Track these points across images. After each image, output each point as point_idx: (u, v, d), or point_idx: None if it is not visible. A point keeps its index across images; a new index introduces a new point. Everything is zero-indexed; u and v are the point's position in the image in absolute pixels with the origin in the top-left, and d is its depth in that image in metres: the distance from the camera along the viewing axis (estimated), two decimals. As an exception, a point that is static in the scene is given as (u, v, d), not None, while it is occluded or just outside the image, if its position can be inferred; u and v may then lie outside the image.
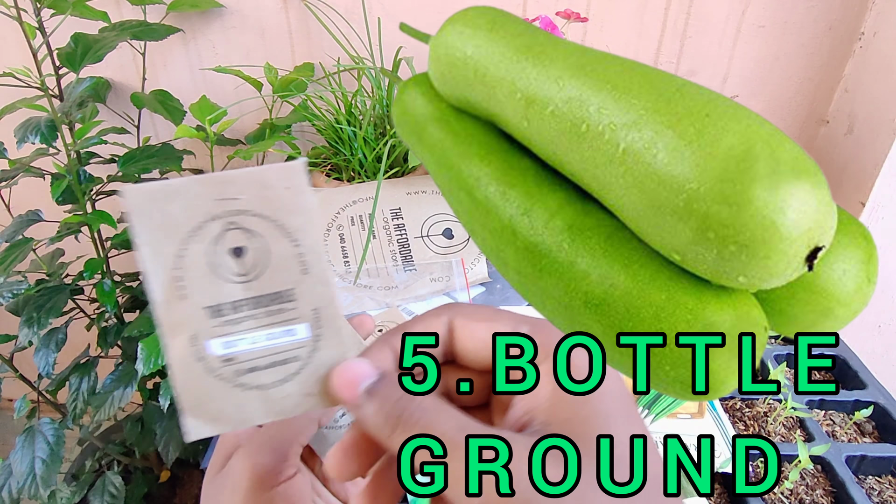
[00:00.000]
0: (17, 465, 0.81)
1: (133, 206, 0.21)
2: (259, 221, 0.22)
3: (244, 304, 0.23)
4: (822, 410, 0.64)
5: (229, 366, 0.23)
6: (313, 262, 0.23)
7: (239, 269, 0.22)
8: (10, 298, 0.80)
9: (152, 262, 0.21)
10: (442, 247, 0.81)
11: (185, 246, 0.22)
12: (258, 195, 0.22)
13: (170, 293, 0.22)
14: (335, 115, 0.89)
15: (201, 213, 0.22)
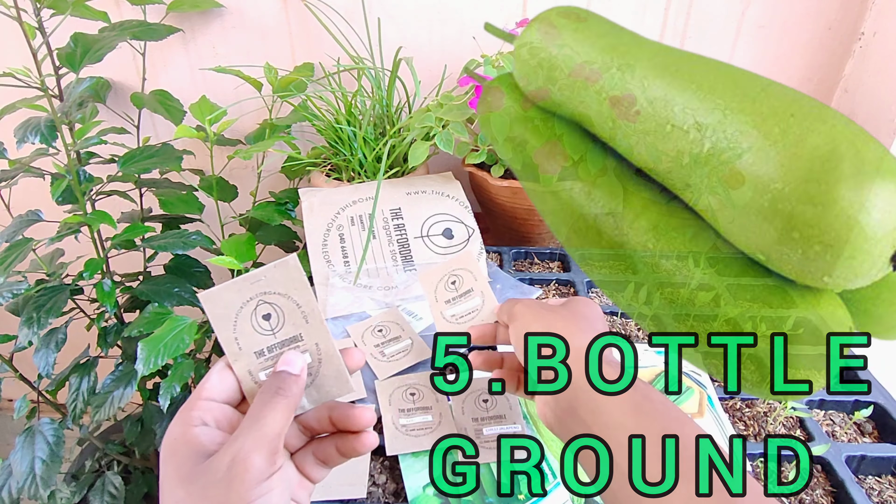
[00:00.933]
0: (17, 465, 0.81)
1: (205, 299, 0.37)
2: (276, 297, 0.38)
3: (275, 347, 0.38)
4: (821, 410, 0.64)
5: None
6: (311, 315, 0.38)
7: (269, 326, 0.38)
8: (10, 298, 0.80)
9: (221, 330, 0.37)
10: (442, 247, 0.81)
11: (236, 318, 0.38)
12: (273, 281, 0.37)
13: (233, 347, 0.38)
14: (335, 115, 0.89)
15: (243, 298, 0.38)
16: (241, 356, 0.38)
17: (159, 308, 0.82)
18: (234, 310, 0.37)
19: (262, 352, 0.38)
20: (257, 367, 0.38)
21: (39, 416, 0.90)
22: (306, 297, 0.38)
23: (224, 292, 0.37)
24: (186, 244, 0.84)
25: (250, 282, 0.37)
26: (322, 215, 0.82)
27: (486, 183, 0.87)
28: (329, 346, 0.38)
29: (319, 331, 0.38)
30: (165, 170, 1.00)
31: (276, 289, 0.37)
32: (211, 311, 0.37)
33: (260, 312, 0.38)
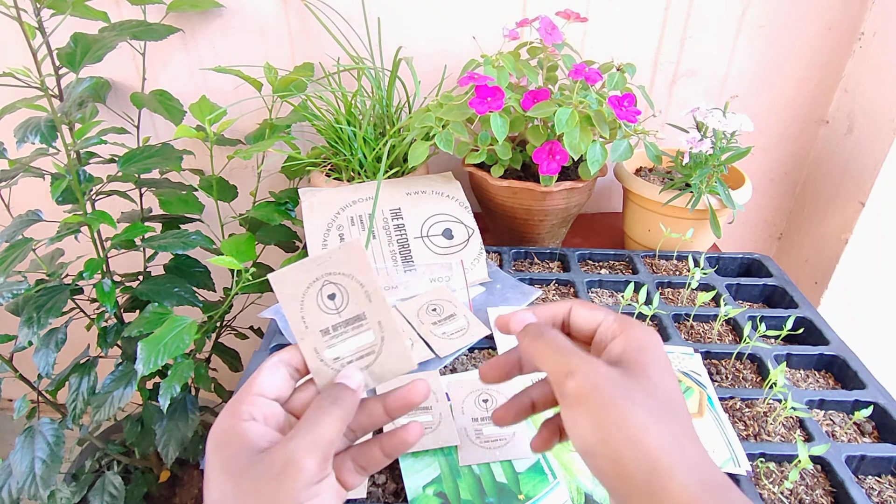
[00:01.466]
0: (17, 465, 0.81)
1: (275, 280, 0.39)
2: (341, 277, 0.40)
3: (339, 325, 0.40)
4: (821, 410, 0.64)
5: (338, 362, 0.40)
6: (374, 294, 0.40)
7: (334, 306, 0.40)
8: (10, 298, 0.80)
9: (288, 309, 0.39)
10: (442, 247, 0.81)
11: (303, 298, 0.40)
12: (338, 262, 0.40)
13: (300, 325, 0.40)
14: (335, 115, 0.89)
15: (309, 278, 0.40)
16: (308, 334, 0.39)
17: (159, 308, 0.82)
18: (301, 289, 0.39)
19: (327, 330, 0.40)
20: (323, 344, 0.40)
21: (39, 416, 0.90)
22: (369, 278, 0.40)
23: (292, 273, 0.39)
24: (186, 244, 0.84)
25: (316, 263, 0.39)
26: (322, 215, 0.82)
27: (486, 183, 0.87)
28: (392, 323, 0.40)
29: (382, 309, 0.40)
30: (165, 170, 1.00)
31: (341, 269, 0.40)
32: (280, 290, 0.39)
33: (325, 292, 0.40)
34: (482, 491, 0.53)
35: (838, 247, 1.02)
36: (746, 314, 0.75)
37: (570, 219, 0.93)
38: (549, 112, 0.75)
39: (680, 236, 0.83)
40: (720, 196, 0.83)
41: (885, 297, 1.06)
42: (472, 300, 0.77)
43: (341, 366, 0.40)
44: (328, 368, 0.40)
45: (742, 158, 0.81)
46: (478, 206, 0.96)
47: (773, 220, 1.19)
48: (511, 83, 0.83)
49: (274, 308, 0.75)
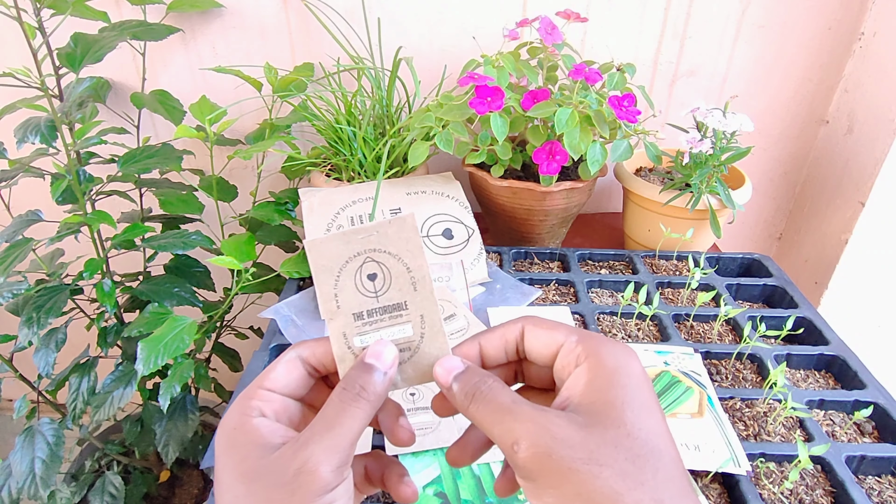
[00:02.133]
0: (17, 465, 0.81)
1: (310, 248, 0.34)
2: (385, 256, 0.35)
3: (375, 312, 0.35)
4: (821, 410, 0.64)
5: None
6: (421, 282, 0.35)
7: (372, 288, 0.35)
8: (10, 298, 0.80)
9: (321, 283, 0.34)
10: (442, 247, 0.81)
11: (340, 273, 0.35)
12: (385, 238, 0.35)
13: (331, 304, 0.34)
14: (335, 115, 0.89)
15: (350, 251, 0.35)
16: (338, 315, 0.34)
17: (159, 308, 0.82)
18: (338, 263, 0.34)
19: (360, 314, 0.35)
20: (353, 330, 0.35)
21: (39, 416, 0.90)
22: (418, 262, 0.35)
23: (331, 242, 0.35)
24: (186, 244, 0.84)
25: (361, 235, 0.34)
26: (322, 215, 0.82)
27: (486, 183, 0.87)
28: (436, 320, 0.35)
29: (428, 301, 0.35)
30: (165, 170, 1.00)
31: (388, 247, 0.35)
32: (315, 261, 0.34)
33: (366, 271, 0.35)
34: (482, 491, 0.53)
35: (838, 247, 1.02)
36: (746, 314, 0.75)
37: (570, 219, 0.93)
38: (549, 112, 0.75)
39: (680, 236, 0.83)
40: (720, 196, 0.83)
41: (885, 297, 1.06)
42: (472, 300, 0.77)
43: None
44: (355, 358, 0.35)
45: (742, 158, 0.81)
46: (478, 206, 0.96)
47: (773, 220, 1.19)
48: (511, 83, 0.83)
49: (274, 308, 0.75)
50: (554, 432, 0.28)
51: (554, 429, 0.28)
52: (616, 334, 0.73)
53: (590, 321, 0.74)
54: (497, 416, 0.30)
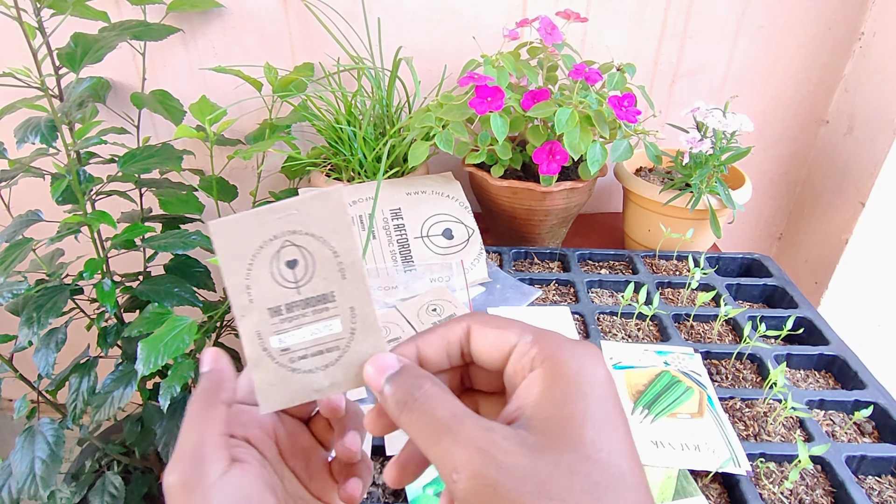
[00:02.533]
0: (17, 465, 0.81)
1: (215, 231, 0.28)
2: (308, 239, 0.29)
3: (296, 305, 0.30)
4: (822, 410, 0.64)
5: (285, 354, 0.30)
6: (351, 269, 0.29)
7: (292, 277, 0.29)
8: (10, 298, 0.80)
9: (230, 273, 0.29)
10: (442, 247, 0.81)
11: (252, 260, 0.29)
12: (307, 217, 0.29)
13: (242, 298, 0.29)
14: (335, 115, 0.89)
15: (264, 235, 0.29)
16: (251, 311, 0.29)
17: (159, 308, 0.82)
18: (250, 249, 0.29)
19: (278, 309, 0.29)
20: (269, 328, 0.29)
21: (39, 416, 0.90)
22: (347, 245, 0.29)
23: (241, 224, 0.29)
24: (186, 244, 0.84)
25: (277, 214, 0.29)
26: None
27: (486, 183, 0.87)
28: (369, 313, 0.30)
29: (359, 291, 0.30)
30: (165, 170, 1.00)
31: (310, 229, 0.29)
32: (220, 246, 0.29)
33: (284, 257, 0.29)
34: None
35: (838, 247, 1.02)
36: (746, 314, 0.75)
37: (570, 219, 0.93)
38: (549, 112, 0.75)
39: (680, 236, 0.83)
40: (720, 196, 0.83)
41: (885, 297, 1.06)
42: (472, 300, 0.77)
43: (290, 360, 0.30)
44: (271, 361, 0.30)
45: (742, 158, 0.81)
46: (478, 206, 0.96)
47: (773, 220, 1.19)
48: (511, 83, 0.83)
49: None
50: (500, 460, 0.23)
51: (500, 455, 0.23)
52: (616, 334, 0.73)
53: (590, 321, 0.74)
54: (434, 433, 0.25)
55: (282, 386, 0.30)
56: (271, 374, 0.30)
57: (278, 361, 0.30)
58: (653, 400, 0.62)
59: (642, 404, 0.61)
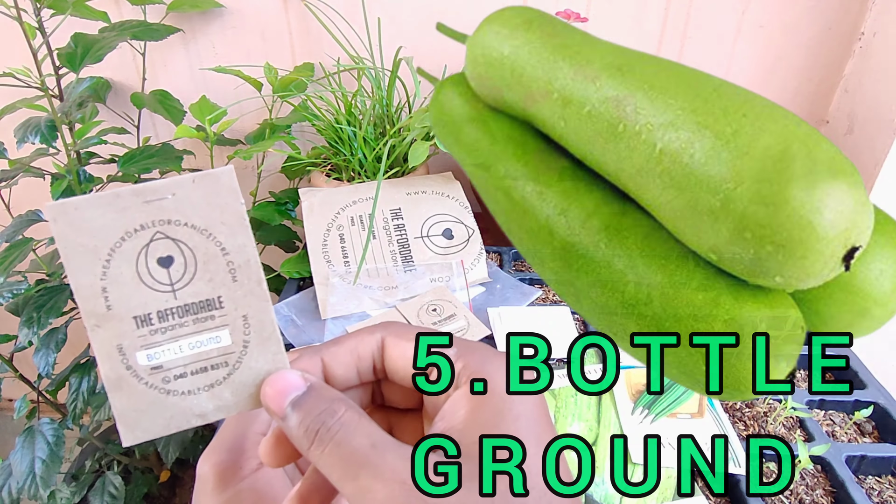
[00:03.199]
0: (17, 465, 0.81)
1: (54, 217, 0.21)
2: (187, 231, 0.23)
3: (171, 313, 0.23)
4: (821, 410, 0.64)
5: (157, 373, 0.24)
6: (243, 270, 0.24)
7: (167, 278, 0.23)
8: (10, 298, 0.80)
9: (76, 274, 0.22)
10: (442, 247, 0.81)
11: (110, 257, 0.22)
12: (186, 204, 0.23)
13: (96, 304, 0.22)
14: (335, 115, 0.89)
15: (127, 224, 0.22)
16: (109, 320, 0.23)
17: (159, 308, 0.82)
18: (107, 241, 0.22)
19: (147, 318, 0.23)
20: (135, 341, 0.23)
21: (39, 416, 0.90)
22: (240, 241, 0.23)
23: (92, 209, 0.22)
24: (186, 244, 0.84)
25: (144, 197, 0.22)
26: (322, 215, 0.82)
27: (486, 183, 0.87)
28: (266, 322, 0.24)
29: (252, 297, 0.24)
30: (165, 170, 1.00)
31: (191, 218, 0.23)
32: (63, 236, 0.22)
33: (155, 252, 0.23)
34: (482, 491, 0.53)
35: (838, 247, 1.02)
36: (746, 314, 0.75)
37: (570, 219, 0.93)
38: (549, 112, 0.75)
39: (680, 236, 0.83)
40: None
41: (885, 297, 1.07)
42: (472, 300, 0.77)
43: (163, 380, 0.24)
44: (138, 382, 0.23)
45: (742, 158, 0.81)
46: (478, 206, 0.96)
47: (773, 220, 1.19)
48: (511, 83, 0.83)
49: (274, 308, 0.75)
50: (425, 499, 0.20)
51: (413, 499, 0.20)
52: (616, 334, 0.73)
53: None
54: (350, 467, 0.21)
55: (152, 412, 0.24)
56: (138, 398, 0.24)
57: (147, 382, 0.24)
58: (652, 400, 0.62)
59: (642, 404, 0.61)
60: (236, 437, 0.28)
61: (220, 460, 0.27)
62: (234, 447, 0.27)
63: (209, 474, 0.27)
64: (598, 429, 0.60)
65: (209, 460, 0.27)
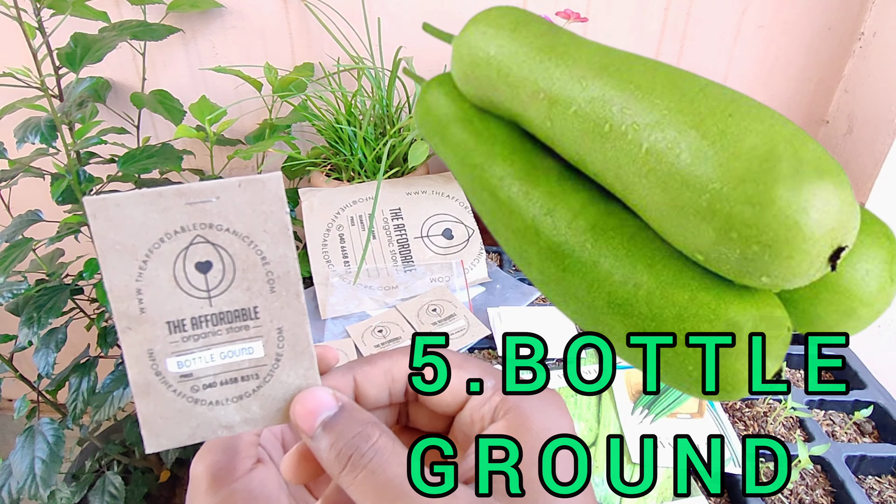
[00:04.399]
0: (17, 465, 0.81)
1: (94, 213, 0.21)
2: (228, 236, 0.22)
3: (206, 320, 0.23)
4: (821, 410, 0.64)
5: (187, 381, 0.23)
6: (282, 281, 0.23)
7: (203, 283, 0.23)
8: (10, 298, 0.80)
9: (111, 273, 0.22)
10: (442, 247, 0.81)
11: (148, 258, 0.22)
12: (230, 208, 0.22)
13: (130, 306, 0.22)
14: (335, 115, 0.89)
15: (167, 225, 0.22)
16: (142, 323, 0.22)
17: (159, 308, 0.82)
18: (146, 241, 0.22)
19: (181, 324, 0.23)
20: (166, 347, 0.23)
21: (39, 416, 0.90)
22: (282, 251, 0.23)
23: (134, 206, 0.21)
24: (186, 244, 0.84)
25: (188, 199, 0.22)
26: (322, 215, 0.82)
27: (486, 183, 0.87)
28: (302, 337, 0.24)
29: (290, 310, 0.24)
30: (165, 170, 1.00)
31: (233, 225, 0.22)
32: (102, 233, 0.21)
33: (194, 257, 0.22)
34: (482, 491, 0.53)
35: (838, 247, 1.02)
36: (746, 314, 0.75)
37: (570, 219, 0.93)
38: (549, 112, 0.75)
39: (680, 236, 0.83)
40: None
41: (885, 297, 1.06)
42: (472, 300, 0.77)
43: (192, 389, 0.23)
44: (166, 389, 0.23)
45: (742, 158, 0.81)
46: (478, 206, 0.96)
47: (773, 220, 1.19)
48: (511, 83, 0.83)
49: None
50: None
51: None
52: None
53: (590, 321, 0.74)
54: (385, 498, 0.21)
55: (178, 420, 0.24)
56: (165, 405, 0.23)
57: (176, 389, 0.23)
58: (652, 401, 0.62)
59: (642, 404, 0.61)
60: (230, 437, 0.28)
61: (214, 461, 0.27)
62: (228, 447, 0.27)
63: (203, 475, 0.27)
64: (597, 429, 0.60)
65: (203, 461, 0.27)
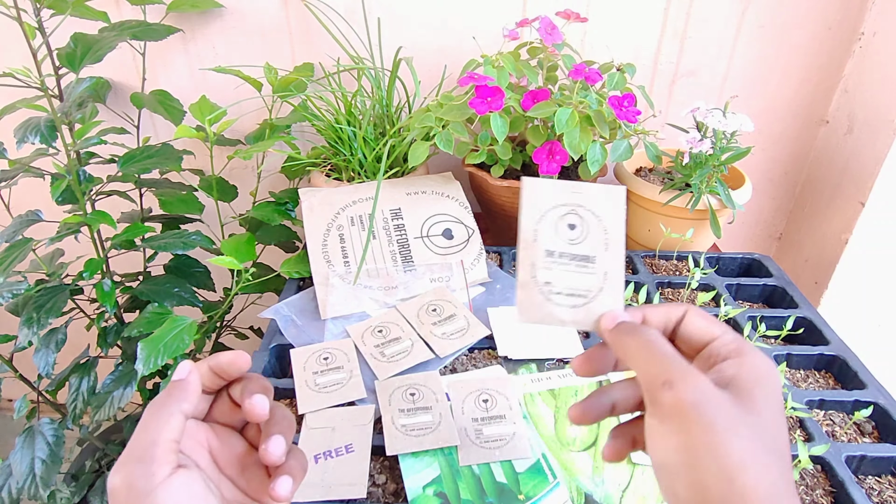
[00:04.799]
0: (17, 465, 0.81)
1: (527, 186, 0.40)
2: (589, 214, 0.39)
3: (566, 256, 0.39)
4: (821, 410, 0.64)
5: (547, 287, 0.39)
6: (614, 245, 0.39)
7: (569, 235, 0.39)
8: (10, 298, 0.80)
9: (527, 217, 0.39)
10: (442, 247, 0.81)
11: (545, 213, 0.39)
12: (594, 199, 0.39)
13: (529, 235, 0.39)
14: (335, 115, 0.89)
15: (558, 199, 0.40)
16: (532, 246, 0.39)
17: (159, 308, 0.82)
18: (546, 205, 0.39)
19: (552, 252, 0.39)
20: (542, 262, 0.39)
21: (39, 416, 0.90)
22: (617, 228, 0.39)
23: (546, 186, 0.39)
24: (186, 244, 0.84)
25: (572, 189, 0.39)
26: (322, 215, 0.82)
27: (486, 183, 0.87)
28: (618, 280, 0.39)
29: (615, 263, 0.39)
30: (165, 170, 1.00)
31: (594, 208, 0.39)
32: (527, 196, 0.39)
33: (567, 220, 0.39)
34: (482, 491, 0.53)
35: (838, 247, 1.02)
36: (746, 314, 0.75)
37: (570, 219, 0.93)
38: (549, 112, 0.75)
39: (680, 236, 0.83)
40: (720, 196, 0.83)
41: (885, 297, 1.06)
42: (472, 300, 0.77)
43: (549, 292, 0.39)
44: (535, 287, 0.39)
45: (742, 158, 0.81)
46: (478, 206, 0.96)
47: (773, 220, 1.19)
48: (511, 83, 0.83)
49: (274, 308, 0.75)
50: (706, 389, 0.30)
51: (707, 387, 0.31)
52: (616, 334, 0.73)
53: (590, 321, 0.74)
54: (655, 355, 0.33)
55: (536, 308, 0.39)
56: (532, 297, 0.39)
57: (540, 290, 0.39)
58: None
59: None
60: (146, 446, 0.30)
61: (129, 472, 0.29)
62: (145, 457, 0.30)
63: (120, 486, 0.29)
64: (598, 429, 0.60)
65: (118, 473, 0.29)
